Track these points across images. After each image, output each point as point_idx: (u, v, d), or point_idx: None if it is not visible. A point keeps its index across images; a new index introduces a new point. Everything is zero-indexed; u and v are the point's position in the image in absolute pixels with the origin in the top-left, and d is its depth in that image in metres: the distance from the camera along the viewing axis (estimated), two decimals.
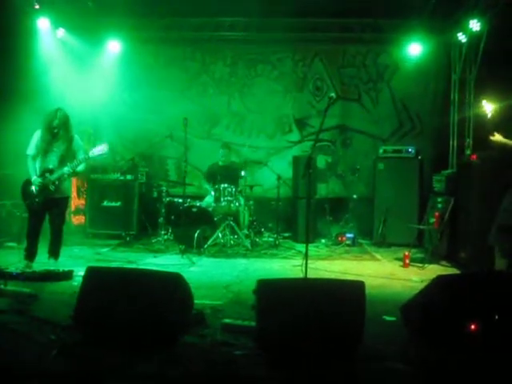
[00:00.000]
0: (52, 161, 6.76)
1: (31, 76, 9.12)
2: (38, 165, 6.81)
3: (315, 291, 4.11)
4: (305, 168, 5.86)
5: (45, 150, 6.77)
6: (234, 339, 4.24)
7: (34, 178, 6.73)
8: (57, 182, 6.75)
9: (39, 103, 8.44)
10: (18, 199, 8.72)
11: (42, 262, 6.86)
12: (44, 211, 6.88)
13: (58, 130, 6.78)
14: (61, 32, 10.15)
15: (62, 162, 6.77)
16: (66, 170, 6.72)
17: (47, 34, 9.79)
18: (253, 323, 4.24)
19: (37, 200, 6.73)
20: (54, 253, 6.93)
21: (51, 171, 6.72)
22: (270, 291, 4.12)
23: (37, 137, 6.85)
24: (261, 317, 4.01)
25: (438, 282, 4.33)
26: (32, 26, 9.46)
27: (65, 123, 6.82)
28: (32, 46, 9.41)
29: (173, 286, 4.10)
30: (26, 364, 3.66)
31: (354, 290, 4.07)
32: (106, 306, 4.00)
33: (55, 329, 4.28)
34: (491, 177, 7.00)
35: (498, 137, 5.88)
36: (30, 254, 6.82)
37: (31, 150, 6.84)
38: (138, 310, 3.93)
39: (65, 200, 7.04)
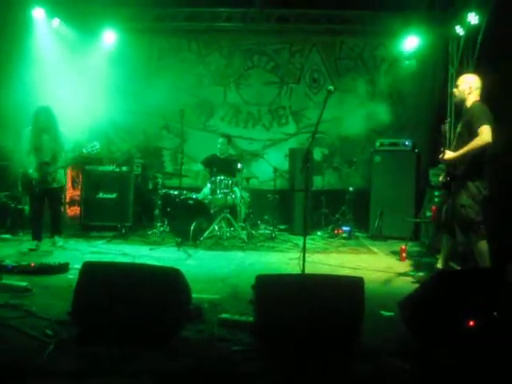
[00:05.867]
0: (46, 155, 7.54)
1: (26, 67, 9.03)
2: (32, 159, 7.52)
3: (314, 287, 4.09)
4: (303, 162, 5.82)
5: (36, 145, 7.51)
6: (231, 334, 4.21)
7: (32, 171, 7.47)
8: (53, 174, 7.59)
9: (34, 96, 8.39)
10: (12, 191, 8.74)
11: (46, 249, 7.65)
12: (43, 196, 7.70)
13: (46, 126, 7.53)
14: (56, 22, 10.06)
15: (54, 154, 7.58)
16: (60, 164, 7.64)
17: (42, 24, 9.71)
18: (250, 318, 4.23)
19: (36, 190, 7.53)
20: (56, 230, 7.93)
21: (47, 164, 7.52)
22: (269, 287, 4.09)
23: (27, 134, 7.55)
24: (259, 312, 3.99)
25: (437, 278, 4.32)
26: (27, 15, 9.37)
27: (50, 118, 7.57)
28: (27, 36, 9.33)
29: (171, 281, 4.06)
30: (22, 360, 3.62)
31: (353, 285, 4.05)
32: (103, 301, 3.95)
33: (51, 324, 4.24)
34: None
35: (448, 154, 5.81)
36: (37, 235, 7.70)
37: (25, 146, 7.56)
38: (136, 306, 3.89)
39: (61, 189, 8.12)
